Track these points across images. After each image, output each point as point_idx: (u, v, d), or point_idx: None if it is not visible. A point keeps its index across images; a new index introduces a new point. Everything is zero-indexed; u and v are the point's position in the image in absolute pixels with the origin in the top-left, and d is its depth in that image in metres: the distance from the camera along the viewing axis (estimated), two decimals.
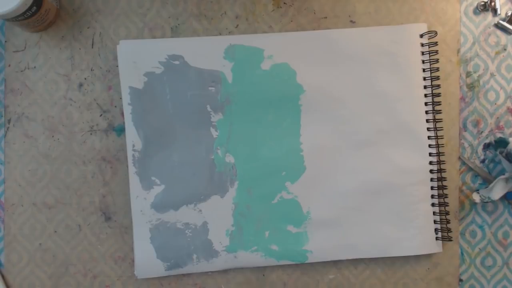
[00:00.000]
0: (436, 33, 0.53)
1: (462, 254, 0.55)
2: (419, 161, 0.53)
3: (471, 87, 0.55)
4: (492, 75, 0.55)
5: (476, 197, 0.53)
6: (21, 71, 0.54)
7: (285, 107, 0.53)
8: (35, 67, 0.54)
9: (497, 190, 0.52)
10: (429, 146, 0.53)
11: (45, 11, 0.50)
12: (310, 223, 0.53)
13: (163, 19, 0.54)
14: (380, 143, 0.53)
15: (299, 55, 0.53)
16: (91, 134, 0.54)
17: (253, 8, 0.54)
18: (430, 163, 0.53)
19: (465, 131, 0.55)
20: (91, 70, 0.54)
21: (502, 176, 0.52)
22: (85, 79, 0.54)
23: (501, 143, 0.53)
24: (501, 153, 0.52)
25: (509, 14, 0.54)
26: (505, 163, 0.53)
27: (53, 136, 0.54)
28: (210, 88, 0.53)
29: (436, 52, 0.54)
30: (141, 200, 0.53)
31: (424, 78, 0.54)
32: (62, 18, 0.54)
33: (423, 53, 0.54)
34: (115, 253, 0.54)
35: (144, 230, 0.53)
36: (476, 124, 0.55)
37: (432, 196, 0.54)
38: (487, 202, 0.53)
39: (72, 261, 0.54)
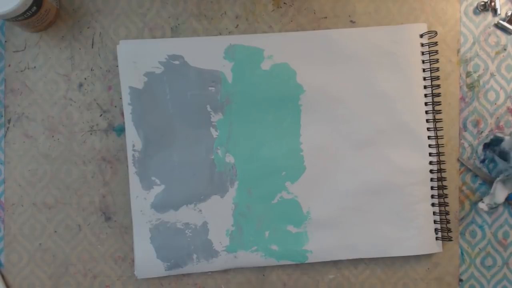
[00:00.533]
0: (436, 33, 0.53)
1: (462, 254, 0.55)
2: (419, 161, 0.53)
3: (471, 87, 0.55)
4: (492, 75, 0.55)
5: (483, 206, 0.52)
6: (21, 71, 0.54)
7: (285, 107, 0.53)
8: (35, 67, 0.54)
9: (499, 193, 0.52)
10: (429, 146, 0.53)
11: (45, 11, 0.50)
12: (310, 223, 0.53)
13: (163, 19, 0.54)
14: (380, 143, 0.53)
15: (299, 55, 0.53)
16: (91, 134, 0.54)
17: (253, 8, 0.54)
18: (430, 163, 0.53)
19: (465, 131, 0.55)
20: (91, 70, 0.54)
21: (499, 179, 0.52)
22: (85, 79, 0.54)
23: (497, 141, 0.53)
24: (494, 151, 0.52)
25: (509, 14, 0.54)
26: (500, 162, 0.53)
27: (53, 136, 0.54)
28: (210, 88, 0.53)
29: (436, 52, 0.54)
30: (141, 200, 0.53)
31: (424, 78, 0.54)
32: (62, 18, 0.54)
33: (423, 53, 0.54)
34: (115, 253, 0.54)
35: (144, 230, 0.53)
36: (476, 124, 0.55)
37: (432, 196, 0.54)
38: (494, 207, 0.53)
39: (72, 261, 0.54)
